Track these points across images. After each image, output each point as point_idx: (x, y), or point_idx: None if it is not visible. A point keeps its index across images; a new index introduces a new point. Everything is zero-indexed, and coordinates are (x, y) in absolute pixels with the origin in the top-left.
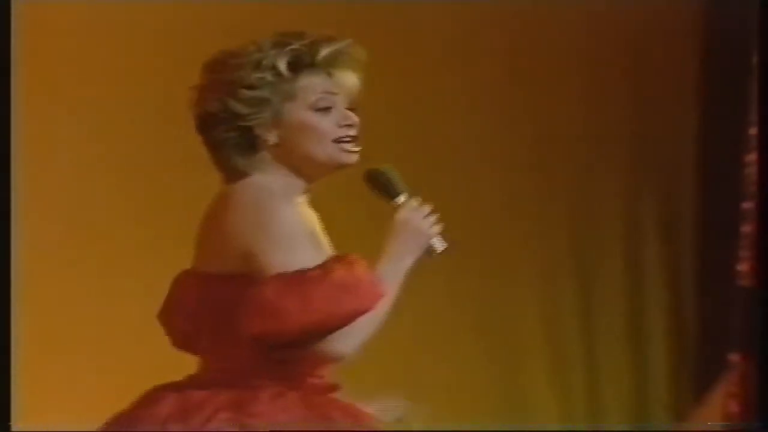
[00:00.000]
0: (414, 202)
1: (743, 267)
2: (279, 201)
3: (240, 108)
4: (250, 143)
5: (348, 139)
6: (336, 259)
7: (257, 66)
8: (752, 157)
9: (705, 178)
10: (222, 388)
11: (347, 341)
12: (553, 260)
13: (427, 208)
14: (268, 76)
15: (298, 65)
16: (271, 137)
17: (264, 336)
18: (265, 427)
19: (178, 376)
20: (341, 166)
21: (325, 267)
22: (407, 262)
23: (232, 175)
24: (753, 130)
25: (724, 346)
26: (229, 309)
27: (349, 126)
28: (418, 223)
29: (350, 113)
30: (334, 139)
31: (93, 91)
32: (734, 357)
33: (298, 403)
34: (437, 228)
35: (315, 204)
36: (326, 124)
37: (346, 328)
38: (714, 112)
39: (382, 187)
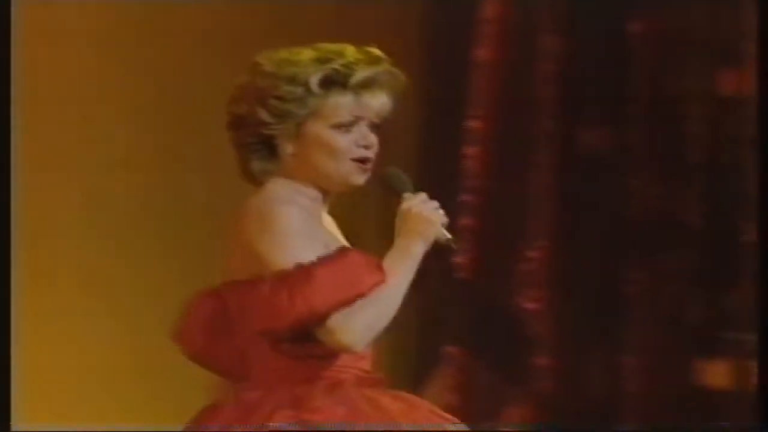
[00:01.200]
0: (422, 195)
1: (460, 260)
2: (280, 204)
3: (265, 116)
4: (270, 150)
5: (363, 159)
6: (334, 253)
7: (291, 79)
8: (471, 150)
9: (427, 172)
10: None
11: (348, 328)
12: None
13: (434, 202)
14: (299, 91)
15: (330, 83)
16: (289, 148)
17: (265, 332)
18: (325, 421)
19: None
20: (350, 186)
21: (320, 261)
22: (418, 249)
23: (250, 179)
24: (473, 124)
25: (441, 339)
26: (248, 313)
27: (366, 147)
28: (428, 213)
29: (370, 134)
30: (352, 158)
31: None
32: (451, 350)
33: (351, 394)
34: (444, 219)
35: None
36: (344, 142)
37: (345, 316)
38: (435, 107)
39: (395, 184)
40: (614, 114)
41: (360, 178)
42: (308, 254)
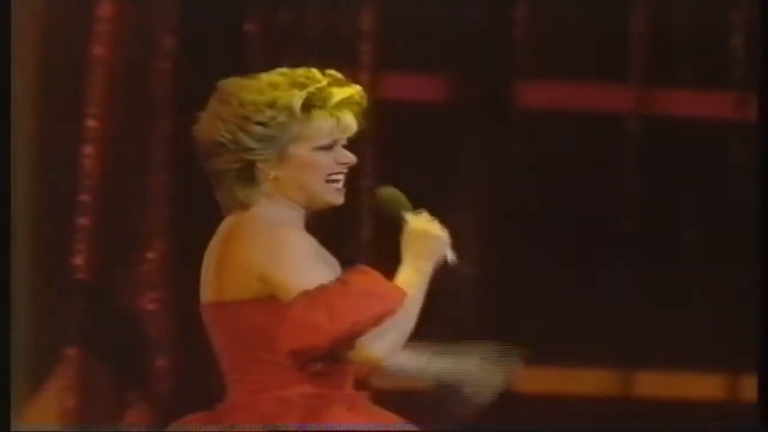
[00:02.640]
0: (425, 214)
1: (78, 261)
2: (288, 227)
3: (248, 142)
4: (251, 175)
5: (338, 177)
6: (351, 271)
7: (272, 104)
8: (89, 149)
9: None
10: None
11: (379, 346)
12: None
13: (437, 222)
14: (282, 117)
15: (310, 107)
16: (272, 172)
17: (300, 351)
18: None
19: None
20: (331, 206)
21: (344, 279)
22: (428, 266)
23: (232, 205)
24: (90, 123)
25: (59, 339)
26: (259, 330)
27: (344, 164)
28: (435, 231)
29: (348, 153)
30: (327, 174)
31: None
32: (69, 350)
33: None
34: (449, 239)
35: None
36: (325, 161)
37: (374, 334)
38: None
39: (394, 204)
40: None
41: (340, 198)
42: (325, 275)
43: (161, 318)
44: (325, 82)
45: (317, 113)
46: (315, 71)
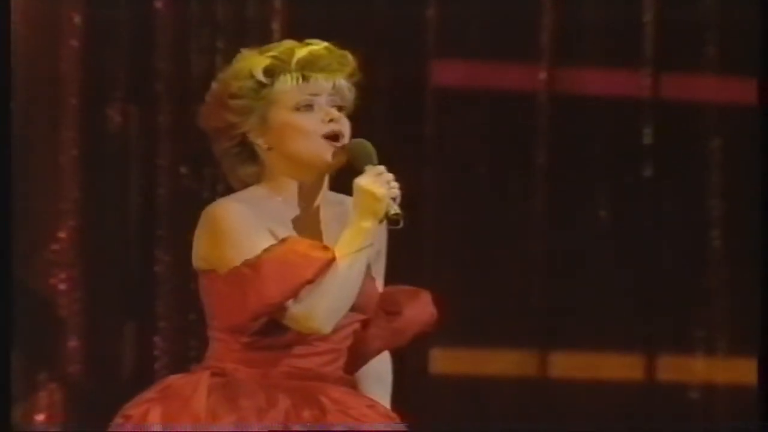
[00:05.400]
0: (377, 169)
1: None
2: (219, 205)
3: (231, 117)
4: (252, 152)
5: (334, 135)
6: (276, 243)
7: (237, 75)
8: None
9: None
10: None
11: (313, 313)
12: None
13: (388, 175)
14: (248, 84)
15: (274, 71)
16: (262, 142)
17: (233, 328)
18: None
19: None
20: (329, 165)
21: (263, 252)
22: (366, 224)
23: (238, 186)
24: None
25: None
26: (204, 304)
27: (333, 121)
28: (376, 188)
29: (332, 110)
30: (321, 135)
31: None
32: None
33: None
34: (394, 192)
35: None
36: (309, 121)
37: (306, 301)
38: None
39: (359, 156)
40: (139, 91)
41: (329, 155)
42: (254, 249)
43: (71, 297)
44: (290, 45)
45: (282, 76)
46: (289, 41)
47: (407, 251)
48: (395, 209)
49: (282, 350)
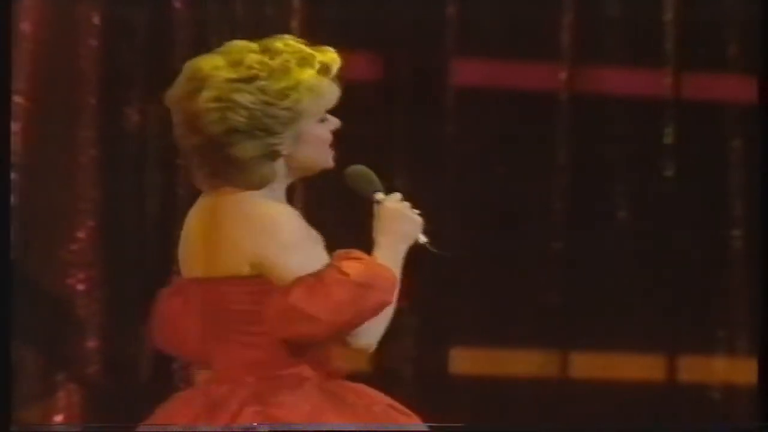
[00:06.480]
0: (397, 194)
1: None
2: (280, 206)
3: (274, 126)
4: (269, 155)
5: (333, 142)
6: (343, 257)
7: (295, 88)
8: (15, 126)
9: None
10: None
11: (373, 332)
12: None
13: (407, 203)
14: (306, 97)
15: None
16: (286, 149)
17: (297, 339)
18: (291, 417)
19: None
20: (323, 169)
21: (339, 267)
22: (402, 248)
23: (239, 185)
24: (17, 99)
25: None
26: (239, 311)
27: (334, 131)
28: (408, 212)
29: (335, 118)
30: (329, 144)
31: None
32: None
33: (315, 390)
34: (421, 219)
35: None
36: (325, 131)
37: (370, 323)
38: None
39: (364, 183)
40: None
41: (331, 161)
42: (317, 257)
43: (91, 298)
44: (329, 58)
45: (326, 85)
46: (292, 43)
47: (426, 251)
48: (424, 238)
49: (321, 351)
